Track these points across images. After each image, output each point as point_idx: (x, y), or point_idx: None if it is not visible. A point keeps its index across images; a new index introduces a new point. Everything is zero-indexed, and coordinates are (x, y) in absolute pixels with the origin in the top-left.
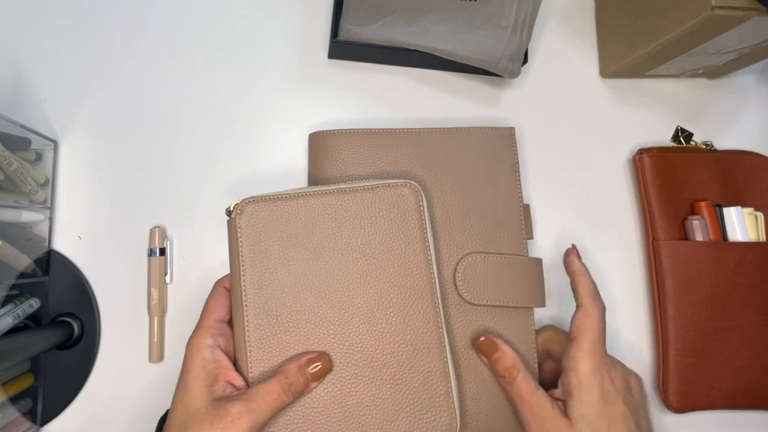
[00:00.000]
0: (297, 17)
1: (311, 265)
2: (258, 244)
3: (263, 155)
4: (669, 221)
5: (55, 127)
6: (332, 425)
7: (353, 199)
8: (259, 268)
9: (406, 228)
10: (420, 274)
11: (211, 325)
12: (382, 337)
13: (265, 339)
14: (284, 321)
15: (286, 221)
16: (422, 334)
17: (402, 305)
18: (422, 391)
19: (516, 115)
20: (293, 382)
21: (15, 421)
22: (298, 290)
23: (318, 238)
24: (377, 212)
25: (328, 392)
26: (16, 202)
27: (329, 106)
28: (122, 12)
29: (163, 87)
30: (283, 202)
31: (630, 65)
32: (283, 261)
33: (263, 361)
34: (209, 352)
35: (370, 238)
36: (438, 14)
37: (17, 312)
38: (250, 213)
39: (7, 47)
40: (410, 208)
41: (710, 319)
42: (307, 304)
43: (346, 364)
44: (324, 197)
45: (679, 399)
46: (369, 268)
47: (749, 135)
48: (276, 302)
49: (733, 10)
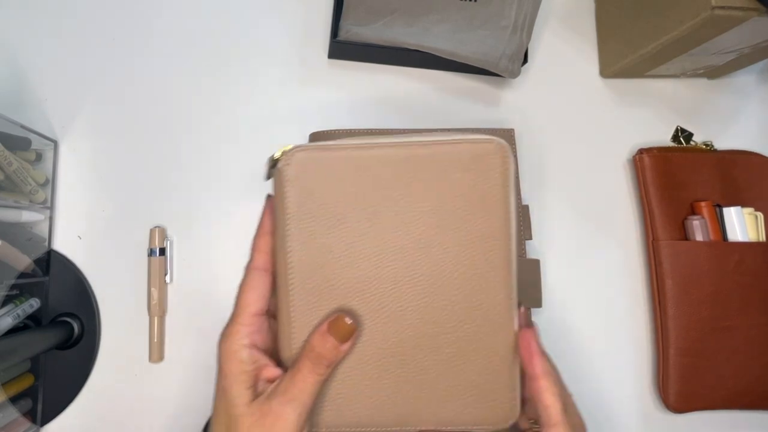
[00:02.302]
0: (297, 17)
1: (368, 227)
2: (308, 200)
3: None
4: (669, 221)
5: (55, 127)
6: (379, 403)
7: (426, 154)
8: (308, 230)
9: (486, 192)
10: (497, 249)
11: (246, 322)
12: (443, 314)
13: (311, 314)
14: (333, 293)
15: (342, 175)
16: (490, 313)
17: (471, 280)
18: (482, 374)
19: (516, 115)
20: (320, 353)
21: (15, 421)
22: (352, 256)
23: (378, 196)
24: (453, 172)
25: (376, 369)
26: (16, 202)
27: (329, 106)
28: (122, 12)
29: (163, 87)
30: (339, 152)
31: (630, 65)
32: (337, 221)
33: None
34: (246, 354)
35: (441, 201)
36: (438, 14)
37: (17, 312)
38: (301, 162)
39: (7, 47)
40: (494, 170)
41: (710, 319)
42: (360, 273)
43: (399, 340)
44: (389, 149)
45: (679, 399)
46: (436, 237)
47: (749, 135)
48: (326, 270)
49: (733, 10)
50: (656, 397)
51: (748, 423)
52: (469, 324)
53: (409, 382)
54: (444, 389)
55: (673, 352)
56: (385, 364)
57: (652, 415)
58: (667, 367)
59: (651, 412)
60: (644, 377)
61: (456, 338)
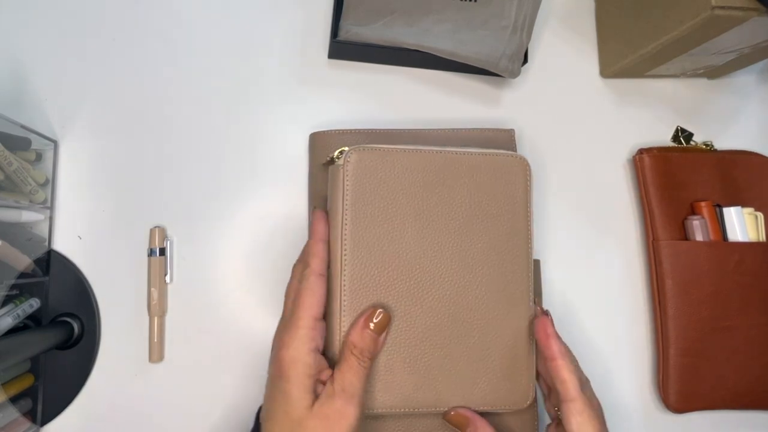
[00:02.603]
0: (297, 17)
1: (412, 222)
2: (363, 192)
3: (263, 155)
4: (669, 221)
5: (55, 127)
6: (418, 385)
7: (464, 160)
8: (362, 222)
9: (512, 196)
10: (521, 245)
11: (309, 325)
12: (472, 304)
13: (357, 310)
14: (377, 287)
15: (391, 173)
16: (512, 302)
17: (497, 272)
18: (504, 359)
19: (516, 115)
20: (362, 348)
21: (15, 421)
22: (398, 247)
23: (422, 195)
24: (487, 177)
25: (414, 354)
26: (16, 202)
27: (329, 106)
28: (122, 12)
29: (163, 87)
30: (390, 154)
31: (630, 65)
32: (387, 215)
33: None
34: (312, 359)
35: (476, 200)
36: (438, 14)
37: (17, 312)
38: (357, 160)
39: (7, 47)
40: (519, 178)
41: (710, 319)
42: (404, 263)
43: (433, 327)
44: (435, 155)
45: (679, 399)
46: (468, 234)
47: (749, 135)
48: (375, 260)
49: (733, 10)
50: (656, 397)
51: (748, 423)
52: (493, 313)
53: (441, 367)
54: (471, 373)
55: (673, 352)
56: (422, 349)
57: (652, 415)
58: (667, 367)
59: (651, 412)
60: (644, 377)
61: (482, 325)
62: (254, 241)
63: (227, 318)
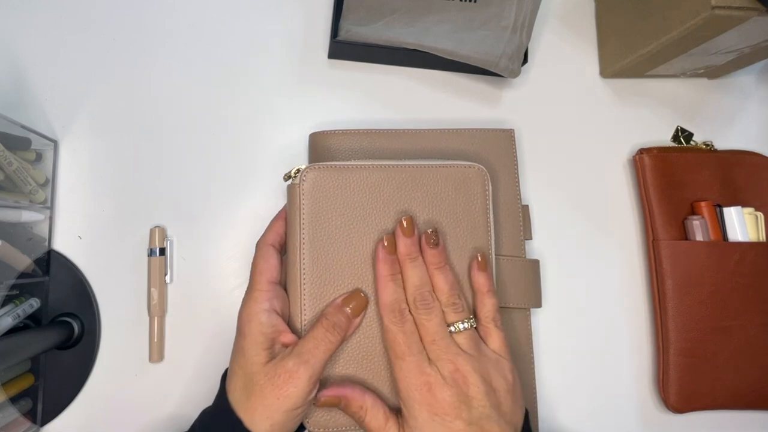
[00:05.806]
0: (297, 17)
1: (371, 235)
2: (319, 210)
3: (263, 155)
4: (669, 221)
5: (55, 127)
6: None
7: (419, 174)
8: (319, 235)
9: (471, 207)
10: (480, 247)
11: (265, 288)
12: None
13: (319, 301)
14: (340, 287)
15: (348, 191)
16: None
17: (462, 276)
18: None
19: (516, 115)
20: (335, 322)
21: (15, 421)
22: (358, 265)
23: (380, 209)
24: (443, 190)
25: (368, 365)
26: (16, 202)
27: (329, 106)
28: (122, 12)
29: (163, 87)
30: (347, 172)
31: (630, 65)
32: (344, 229)
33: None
34: (266, 317)
35: (434, 213)
36: (438, 14)
37: (17, 312)
38: (314, 179)
39: (8, 47)
40: (476, 189)
41: (710, 319)
42: (364, 280)
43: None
44: (389, 171)
45: (679, 399)
46: None
47: (749, 135)
48: (333, 269)
49: (733, 10)
50: (656, 397)
51: (748, 423)
52: None
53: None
54: None
55: (673, 352)
56: (378, 363)
57: (652, 415)
58: (667, 367)
59: (651, 412)
60: (644, 377)
61: None
62: (254, 241)
63: (227, 318)
